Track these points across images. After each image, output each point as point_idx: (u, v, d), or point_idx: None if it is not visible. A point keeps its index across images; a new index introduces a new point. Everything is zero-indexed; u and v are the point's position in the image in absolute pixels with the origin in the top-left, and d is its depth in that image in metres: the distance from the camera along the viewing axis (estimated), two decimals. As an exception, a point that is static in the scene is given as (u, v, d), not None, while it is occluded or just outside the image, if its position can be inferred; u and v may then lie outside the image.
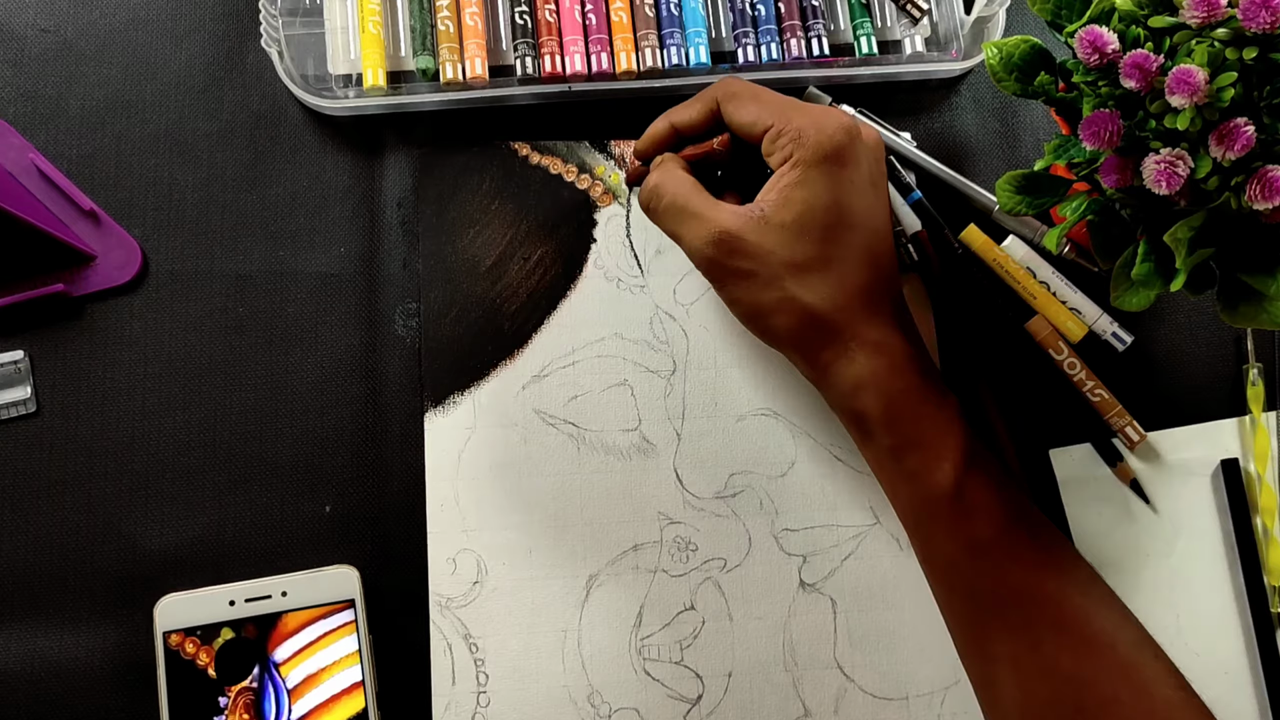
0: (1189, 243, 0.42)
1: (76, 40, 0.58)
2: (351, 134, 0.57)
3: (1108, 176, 0.43)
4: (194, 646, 0.50)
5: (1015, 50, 0.47)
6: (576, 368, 0.55)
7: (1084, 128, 0.43)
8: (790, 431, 0.55)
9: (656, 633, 0.53)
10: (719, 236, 0.46)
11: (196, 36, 0.58)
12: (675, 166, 0.49)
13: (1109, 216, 0.46)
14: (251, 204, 0.56)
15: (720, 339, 0.56)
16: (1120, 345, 0.55)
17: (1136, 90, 0.41)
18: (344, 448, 0.54)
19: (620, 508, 0.54)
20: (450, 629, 0.52)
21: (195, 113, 0.57)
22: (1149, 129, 0.42)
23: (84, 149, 0.56)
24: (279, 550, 0.53)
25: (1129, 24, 0.43)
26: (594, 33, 0.57)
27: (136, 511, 0.53)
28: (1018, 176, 0.47)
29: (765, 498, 0.54)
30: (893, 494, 0.48)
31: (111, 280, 0.55)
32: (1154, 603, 0.54)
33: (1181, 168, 0.41)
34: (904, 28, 0.59)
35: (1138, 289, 0.45)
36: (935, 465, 0.45)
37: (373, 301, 0.56)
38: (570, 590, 0.53)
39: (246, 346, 0.55)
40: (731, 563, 0.54)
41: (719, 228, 0.46)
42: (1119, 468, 0.55)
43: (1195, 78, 0.39)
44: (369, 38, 0.56)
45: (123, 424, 0.53)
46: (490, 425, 0.54)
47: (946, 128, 0.59)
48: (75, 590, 0.52)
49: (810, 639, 0.53)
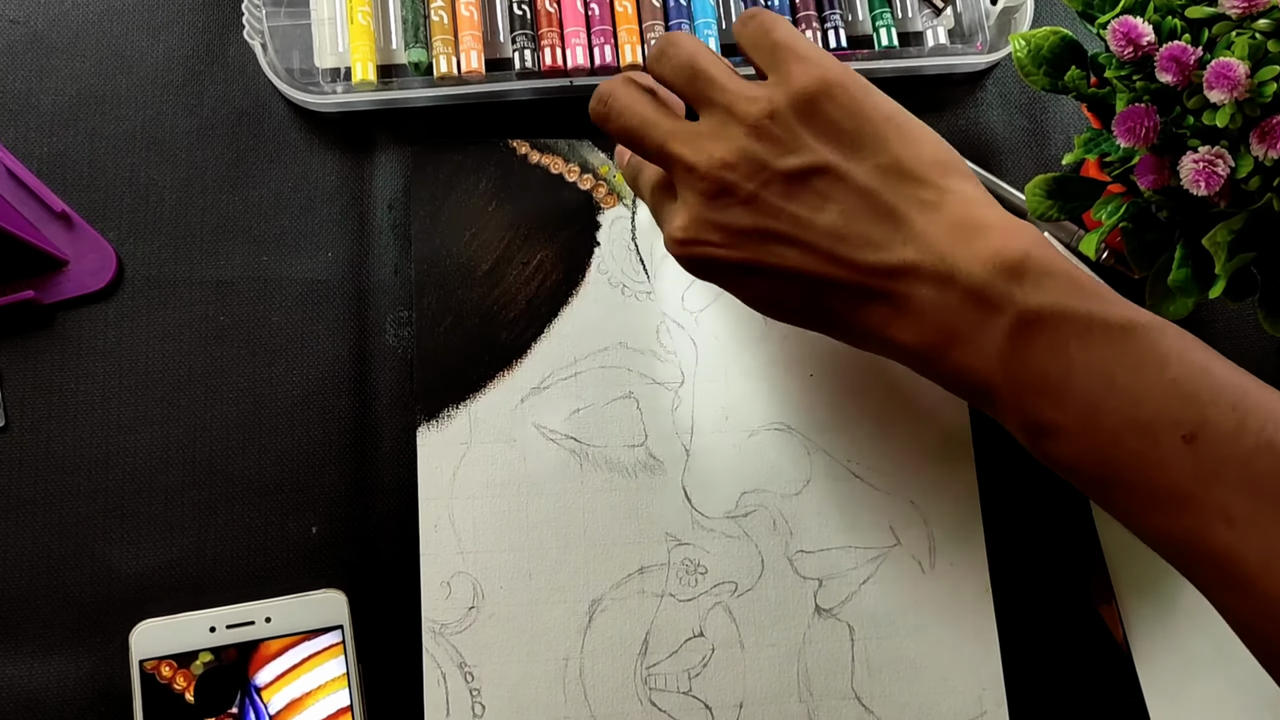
0: (1229, 246, 0.42)
1: (47, 32, 0.58)
2: (340, 132, 0.58)
3: (1144, 177, 0.43)
4: (171, 670, 0.50)
5: (1044, 42, 0.47)
6: (579, 379, 0.55)
7: (1118, 124, 0.43)
8: (805, 447, 0.55)
9: (663, 661, 0.53)
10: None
11: (175, 28, 0.58)
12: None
13: (1145, 221, 0.46)
14: (233, 206, 0.56)
15: (731, 349, 0.56)
16: None
17: (1173, 85, 0.42)
18: (331, 465, 0.54)
19: (625, 528, 0.54)
20: (444, 657, 0.52)
21: (174, 109, 0.57)
22: (1187, 126, 0.42)
23: (55, 147, 0.56)
24: (262, 573, 0.53)
25: (1165, 14, 0.43)
26: (597, 24, 0.57)
27: (111, 532, 0.53)
28: (1048, 180, 0.47)
29: (779, 517, 0.55)
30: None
31: (84, 287, 0.55)
32: (1193, 628, 0.54)
33: (1221, 167, 0.41)
34: (926, 18, 0.59)
35: (1175, 297, 0.45)
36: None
37: (362, 309, 0.56)
38: (572, 616, 0.53)
39: (228, 357, 0.55)
40: (743, 587, 0.54)
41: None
42: None
43: (1235, 71, 0.39)
44: (358, 29, 0.56)
45: (96, 440, 0.54)
46: (487, 440, 0.54)
47: (971, 124, 0.59)
48: (46, 616, 0.52)
49: (826, 668, 0.53)
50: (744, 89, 0.44)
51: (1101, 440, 0.39)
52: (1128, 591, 0.54)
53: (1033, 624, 0.54)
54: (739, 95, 0.43)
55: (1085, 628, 0.54)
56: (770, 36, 0.44)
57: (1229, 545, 0.37)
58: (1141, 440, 0.38)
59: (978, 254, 0.40)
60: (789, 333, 0.56)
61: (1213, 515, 0.37)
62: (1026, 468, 0.55)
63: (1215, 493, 0.37)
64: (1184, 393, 0.38)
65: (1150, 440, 0.38)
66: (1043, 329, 0.39)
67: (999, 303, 0.40)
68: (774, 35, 0.44)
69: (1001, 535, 0.55)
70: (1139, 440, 0.38)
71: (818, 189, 0.42)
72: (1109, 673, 0.54)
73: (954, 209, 0.41)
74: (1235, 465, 0.37)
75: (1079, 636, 0.54)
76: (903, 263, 0.41)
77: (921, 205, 0.42)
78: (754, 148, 0.42)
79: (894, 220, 0.42)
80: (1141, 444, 0.38)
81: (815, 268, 0.42)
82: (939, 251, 0.41)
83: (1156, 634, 0.48)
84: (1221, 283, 0.42)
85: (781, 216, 0.42)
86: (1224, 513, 0.37)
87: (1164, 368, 0.38)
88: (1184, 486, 0.37)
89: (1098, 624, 0.54)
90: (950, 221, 0.41)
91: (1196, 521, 0.37)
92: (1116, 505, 0.40)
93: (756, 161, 0.42)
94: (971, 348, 0.40)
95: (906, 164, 0.42)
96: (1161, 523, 0.38)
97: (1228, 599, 0.38)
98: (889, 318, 0.42)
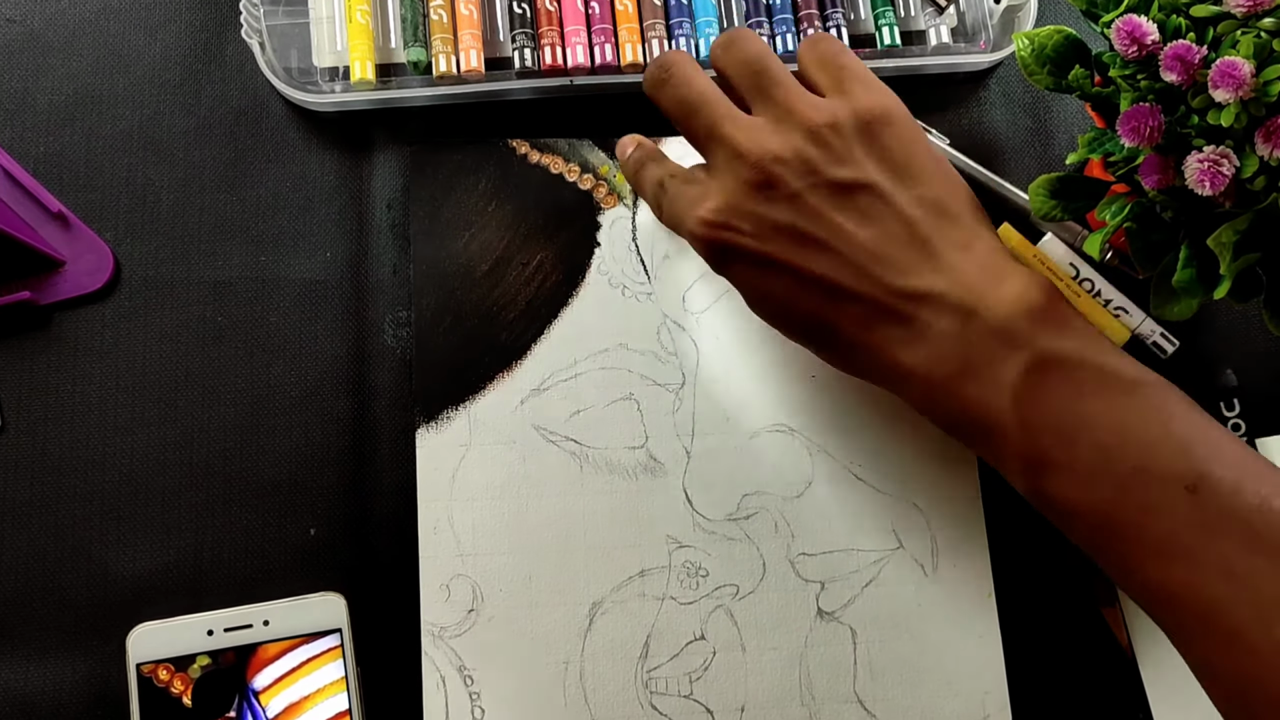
0: (1234, 247, 0.42)
1: (44, 31, 0.58)
2: (338, 131, 0.58)
3: (1148, 177, 0.43)
4: (168, 674, 0.50)
5: (1048, 41, 0.47)
6: (579, 381, 0.55)
7: (1122, 123, 0.43)
8: (808, 449, 0.55)
9: (664, 664, 0.53)
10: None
11: (172, 27, 0.58)
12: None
13: (1149, 221, 0.46)
14: (231, 206, 0.56)
15: (732, 350, 0.56)
16: (1163, 353, 0.55)
17: (1178, 84, 0.42)
18: (330, 466, 0.54)
19: (625, 531, 0.54)
20: (443, 660, 0.52)
21: (171, 108, 0.57)
22: (1191, 125, 0.42)
23: (51, 147, 0.56)
24: (260, 576, 0.53)
25: (1169, 13, 0.43)
26: (597, 22, 0.57)
27: (108, 535, 0.53)
28: (1052, 180, 0.47)
29: (781, 520, 0.55)
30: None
31: (81, 288, 0.55)
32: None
33: (1226, 167, 0.41)
34: (929, 17, 0.59)
35: (1180, 298, 0.45)
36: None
37: (361, 310, 0.56)
38: (572, 619, 0.53)
39: (226, 358, 0.55)
40: (744, 589, 0.54)
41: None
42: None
43: (1241, 70, 0.39)
44: (357, 28, 0.56)
45: (93, 441, 0.54)
46: (487, 442, 0.54)
47: (974, 124, 0.59)
48: (42, 619, 0.52)
49: (829, 671, 0.53)
50: (808, 94, 0.46)
51: (1108, 485, 0.40)
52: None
53: (1036, 627, 0.54)
54: (802, 99, 0.45)
55: (1089, 631, 0.54)
56: (839, 59, 0.47)
57: (1223, 598, 0.38)
58: (1147, 488, 0.39)
59: (1004, 295, 0.43)
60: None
61: (1211, 567, 0.38)
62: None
63: (1216, 545, 0.38)
64: (1188, 448, 0.40)
65: (1156, 488, 0.39)
66: (1060, 371, 0.41)
67: (1019, 341, 0.42)
68: (843, 59, 0.47)
69: (1005, 538, 0.55)
70: (1145, 488, 0.40)
71: (861, 205, 0.44)
72: (1113, 676, 0.54)
73: (984, 252, 0.44)
74: (1236, 520, 0.38)
75: (1083, 640, 0.54)
76: (930, 290, 0.43)
77: (954, 243, 0.44)
78: (809, 150, 0.44)
79: (927, 250, 0.44)
80: (1147, 492, 0.39)
81: (842, 279, 0.44)
82: (966, 284, 0.43)
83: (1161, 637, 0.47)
84: (1227, 283, 0.42)
85: (820, 222, 0.44)
86: (1223, 565, 0.38)
87: (1170, 423, 0.40)
88: (1185, 537, 0.39)
89: (1102, 627, 0.54)
90: (980, 262, 0.44)
91: (1193, 572, 0.39)
92: (1111, 552, 0.41)
93: (809, 164, 0.44)
94: (984, 380, 0.42)
95: (946, 202, 0.45)
96: (1156, 573, 0.40)
97: (1212, 652, 0.39)
98: (903, 341, 0.44)
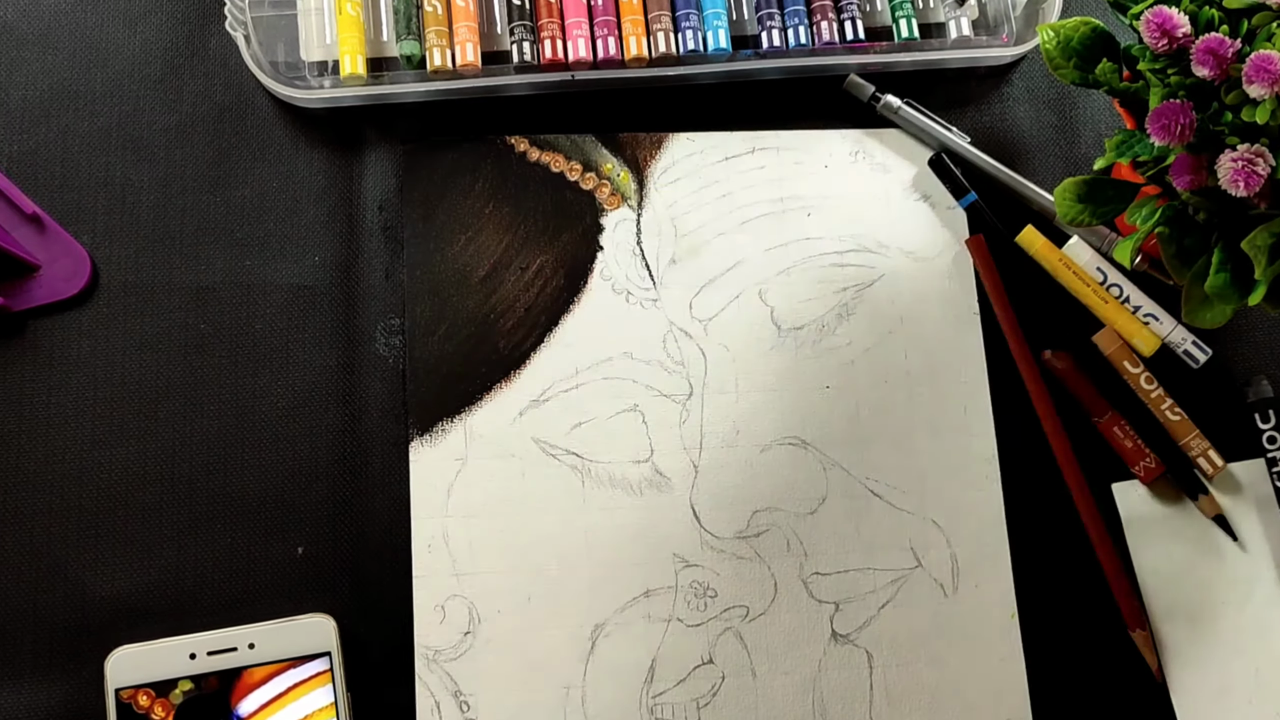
0: (1269, 250, 0.42)
1: (17, 23, 0.58)
2: (327, 128, 0.58)
3: (1180, 177, 0.43)
4: (148, 699, 0.50)
5: (1074, 34, 0.47)
6: (581, 391, 0.55)
7: (1152, 121, 0.43)
8: (821, 463, 0.55)
9: (670, 689, 0.53)
10: None
11: (153, 19, 0.58)
12: None
13: (1182, 224, 0.46)
14: (214, 207, 0.56)
15: (742, 360, 0.56)
16: (1195, 363, 0.55)
17: (1210, 79, 0.42)
18: (319, 482, 0.54)
19: (630, 549, 0.54)
20: (438, 685, 0.52)
21: (151, 104, 0.57)
22: (1224, 123, 0.42)
23: (26, 145, 0.56)
24: (246, 597, 0.53)
25: (1201, 4, 0.43)
26: (600, 14, 0.57)
27: (85, 553, 0.53)
28: (1079, 183, 0.47)
29: (793, 538, 0.54)
30: None
31: (57, 293, 0.55)
32: (1231, 654, 0.54)
33: (1261, 166, 0.41)
34: (949, 9, 0.59)
35: (1213, 304, 0.45)
36: None
37: (351, 317, 0.56)
38: (573, 641, 0.53)
39: (209, 368, 0.55)
40: (755, 611, 0.54)
41: None
42: (1202, 500, 0.55)
43: (1277, 64, 0.39)
44: (347, 20, 0.56)
45: (70, 455, 0.53)
46: (484, 456, 0.54)
47: (996, 121, 0.59)
48: (17, 641, 0.52)
49: (843, 697, 0.53)
50: None
51: None
52: (1163, 616, 0.54)
53: (1061, 650, 0.54)
54: None
55: (1118, 655, 0.54)
56: None
57: None
58: None
59: None
60: (803, 342, 0.56)
61: None
62: (1055, 486, 0.55)
63: None
64: None
65: None
66: None
67: None
68: None
69: (1028, 556, 0.55)
70: None
71: None
72: (1143, 703, 0.54)
73: None
74: None
75: (1110, 663, 0.54)
76: None
77: None
78: None
79: None
80: None
81: None
82: None
83: (1193, 661, 0.48)
84: (1262, 288, 0.42)
85: None
86: None
87: None
88: None
89: (1131, 651, 0.54)
90: None
91: None
92: None
93: None
94: None
95: None
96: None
97: None
98: None
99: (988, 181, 0.57)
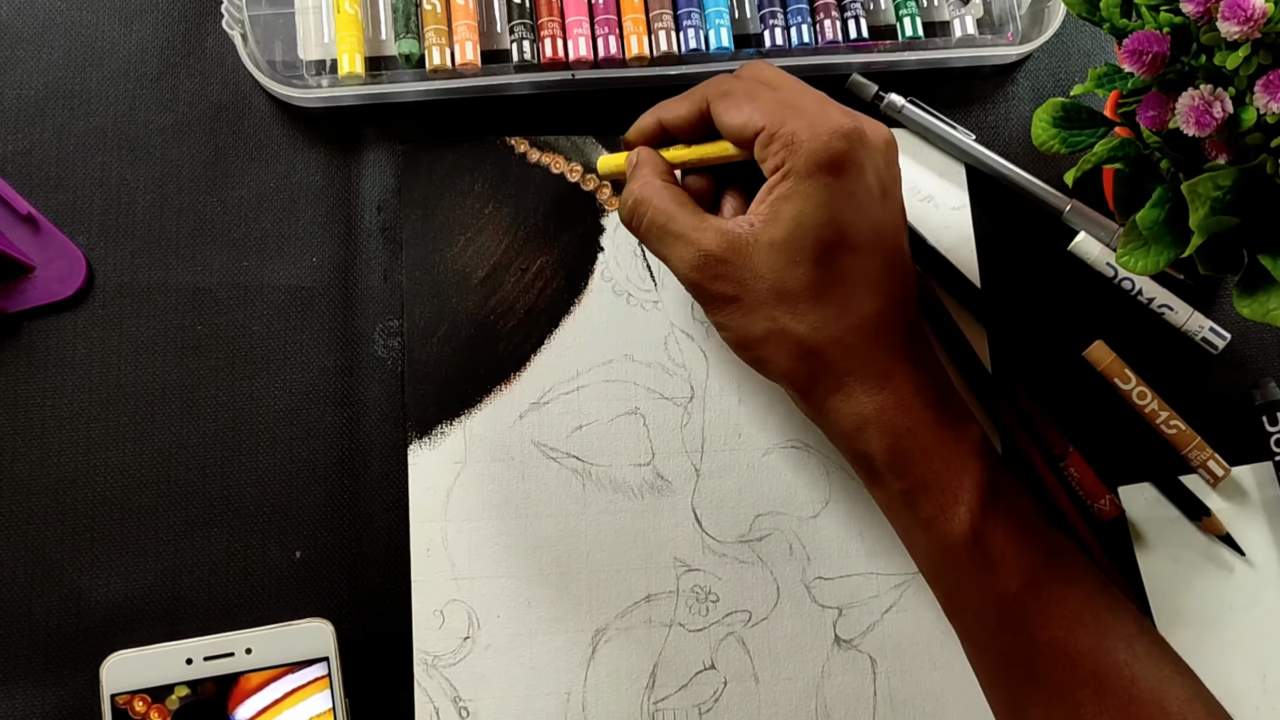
0: (1210, 201, 0.41)
1: (12, 21, 0.58)
2: (325, 128, 0.57)
3: (1145, 113, 0.43)
4: (144, 705, 0.50)
5: None
6: (581, 394, 0.55)
7: (1126, 47, 0.42)
8: (824, 466, 0.55)
9: (672, 695, 0.53)
10: (701, 259, 0.46)
11: (149, 17, 0.58)
12: (653, 174, 0.49)
13: (1140, 166, 0.45)
14: (211, 207, 0.56)
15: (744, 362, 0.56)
16: (1214, 349, 0.55)
17: (1194, 18, 0.41)
18: (316, 485, 0.54)
19: (631, 553, 0.54)
20: (437, 691, 0.52)
21: (147, 104, 0.57)
22: (1199, 66, 0.42)
23: (20, 145, 0.56)
24: (243, 601, 0.53)
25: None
26: (601, 13, 0.57)
27: (81, 557, 0.52)
28: (1056, 105, 0.47)
29: (795, 542, 0.54)
30: (909, 543, 0.48)
31: (52, 295, 0.54)
32: (1238, 661, 0.54)
33: (1218, 109, 0.40)
34: (953, 7, 0.59)
35: (1148, 246, 0.45)
36: (950, 510, 0.45)
37: (349, 319, 0.56)
38: (574, 647, 0.53)
39: (205, 370, 0.55)
40: (757, 616, 0.54)
41: (701, 249, 0.46)
42: (1206, 523, 0.55)
43: (1251, 5, 0.39)
44: (345, 18, 0.56)
45: (65, 458, 0.53)
46: (483, 459, 0.54)
47: (1001, 121, 0.59)
48: (11, 647, 0.52)
49: (847, 703, 0.53)
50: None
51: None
52: (1168, 622, 0.54)
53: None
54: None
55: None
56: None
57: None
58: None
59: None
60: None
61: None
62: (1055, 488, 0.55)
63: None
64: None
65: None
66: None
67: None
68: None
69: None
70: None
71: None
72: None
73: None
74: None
75: (1116, 669, 0.54)
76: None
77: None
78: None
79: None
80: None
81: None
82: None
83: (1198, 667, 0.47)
84: (1197, 239, 0.42)
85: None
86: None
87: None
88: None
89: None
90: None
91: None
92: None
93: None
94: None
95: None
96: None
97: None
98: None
99: (993, 181, 0.57)
